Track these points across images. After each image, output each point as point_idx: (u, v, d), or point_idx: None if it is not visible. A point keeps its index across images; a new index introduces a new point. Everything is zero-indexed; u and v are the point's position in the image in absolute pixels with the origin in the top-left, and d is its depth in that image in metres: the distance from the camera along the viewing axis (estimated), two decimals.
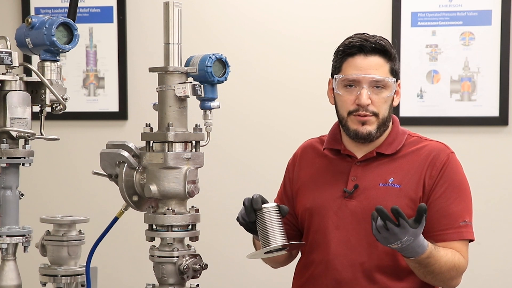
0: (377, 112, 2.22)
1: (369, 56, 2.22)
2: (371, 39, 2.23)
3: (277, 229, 2.08)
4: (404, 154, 2.27)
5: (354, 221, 2.23)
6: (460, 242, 2.21)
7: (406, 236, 2.00)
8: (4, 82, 1.94)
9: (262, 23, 3.81)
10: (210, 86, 2.00)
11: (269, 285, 3.72)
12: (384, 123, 2.25)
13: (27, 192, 2.04)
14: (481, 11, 3.62)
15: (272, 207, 2.10)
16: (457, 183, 2.24)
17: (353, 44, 2.23)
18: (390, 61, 2.24)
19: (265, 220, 2.09)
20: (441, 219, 2.21)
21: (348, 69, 2.24)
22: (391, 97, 2.24)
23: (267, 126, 3.81)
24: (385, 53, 2.23)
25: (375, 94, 2.22)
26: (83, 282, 2.09)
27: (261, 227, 2.09)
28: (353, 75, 2.22)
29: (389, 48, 2.24)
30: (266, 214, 2.09)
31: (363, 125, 2.23)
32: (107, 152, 1.99)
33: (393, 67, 2.25)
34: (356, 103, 2.21)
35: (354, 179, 2.26)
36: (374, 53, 2.22)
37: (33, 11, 3.95)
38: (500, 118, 3.60)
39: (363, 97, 2.20)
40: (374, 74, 2.20)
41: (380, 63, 2.22)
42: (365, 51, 2.22)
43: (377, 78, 2.21)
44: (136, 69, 3.88)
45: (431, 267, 2.13)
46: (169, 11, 1.93)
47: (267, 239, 2.07)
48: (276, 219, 2.09)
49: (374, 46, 2.22)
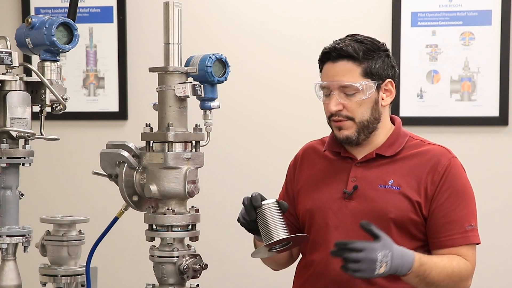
0: (352, 116, 2.23)
1: (337, 62, 2.23)
2: (341, 44, 2.23)
3: (279, 223, 2.08)
4: (404, 157, 2.27)
5: (353, 222, 2.23)
6: (467, 247, 2.21)
7: (378, 252, 1.99)
8: (4, 82, 1.95)
9: (262, 23, 3.81)
10: (210, 86, 2.00)
11: (269, 285, 3.72)
12: (367, 126, 2.24)
13: (27, 192, 2.04)
14: (481, 11, 3.62)
15: (272, 203, 2.10)
16: (460, 188, 2.24)
17: (324, 51, 2.26)
18: (362, 64, 2.22)
19: (265, 216, 2.09)
20: (447, 224, 2.21)
21: (322, 76, 2.27)
22: (369, 99, 2.23)
23: (267, 126, 3.81)
24: (353, 58, 2.22)
25: (348, 99, 2.22)
26: (83, 282, 2.09)
27: (263, 224, 2.09)
28: (323, 83, 2.25)
29: (357, 52, 2.21)
30: (266, 210, 2.09)
31: (340, 130, 2.25)
32: (107, 152, 1.99)
33: (369, 69, 2.22)
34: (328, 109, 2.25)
35: (354, 180, 2.26)
36: (341, 58, 2.22)
37: (33, 11, 3.95)
38: (500, 118, 3.60)
39: (330, 105, 2.23)
40: (340, 80, 2.21)
41: (348, 68, 2.22)
42: (331, 58, 2.23)
43: (343, 83, 2.21)
44: (136, 69, 3.88)
45: (429, 276, 2.12)
46: (169, 11, 1.93)
47: (269, 234, 2.07)
48: (276, 214, 2.09)
49: (339, 52, 2.22)
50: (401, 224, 2.21)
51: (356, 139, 2.24)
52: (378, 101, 2.25)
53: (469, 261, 2.21)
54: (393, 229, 2.20)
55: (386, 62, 2.26)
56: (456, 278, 2.17)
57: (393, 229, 2.21)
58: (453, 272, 2.16)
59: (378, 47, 2.25)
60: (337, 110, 2.22)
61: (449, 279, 2.16)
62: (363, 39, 2.26)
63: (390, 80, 2.27)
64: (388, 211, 2.21)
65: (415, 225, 2.22)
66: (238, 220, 2.17)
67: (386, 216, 2.21)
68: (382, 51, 2.26)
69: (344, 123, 2.23)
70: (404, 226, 2.22)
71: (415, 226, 2.23)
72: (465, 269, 2.19)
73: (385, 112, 2.29)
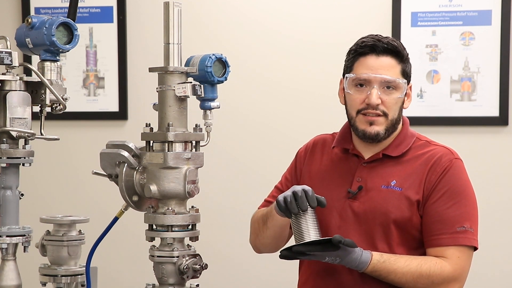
0: (387, 112, 2.23)
1: (381, 57, 2.22)
2: (383, 40, 2.24)
3: (311, 225, 2.09)
4: (409, 158, 2.27)
5: (356, 222, 2.23)
6: (455, 248, 2.19)
7: (326, 257, 2.08)
8: (4, 82, 1.94)
9: (262, 23, 3.81)
10: (210, 86, 2.00)
11: (269, 285, 3.72)
12: (394, 125, 2.25)
13: (27, 192, 2.04)
14: (481, 11, 3.62)
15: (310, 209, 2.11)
16: (457, 189, 2.23)
17: (366, 44, 2.24)
18: (402, 63, 2.24)
19: (299, 215, 2.10)
20: (436, 223, 2.20)
21: (359, 68, 2.24)
22: (401, 98, 2.24)
23: (267, 126, 3.81)
24: (397, 54, 2.24)
25: (386, 94, 2.22)
26: (83, 282, 2.09)
27: (296, 223, 2.10)
28: (364, 75, 2.22)
29: (401, 50, 2.25)
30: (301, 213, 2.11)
31: (371, 125, 2.23)
32: (107, 152, 1.99)
33: (405, 69, 2.25)
34: (366, 102, 2.22)
35: (359, 180, 2.26)
36: (386, 53, 2.22)
37: (33, 11, 3.95)
38: (500, 118, 3.61)
39: (373, 96, 2.20)
40: (385, 75, 2.21)
41: (392, 64, 2.23)
42: (377, 51, 2.22)
43: (388, 78, 2.21)
44: (136, 69, 3.88)
45: (386, 278, 2.16)
46: (169, 11, 1.93)
47: (301, 235, 2.09)
48: (311, 215, 2.10)
49: (386, 47, 2.22)
50: (402, 225, 2.21)
51: (383, 136, 2.25)
52: (404, 102, 2.26)
53: (454, 263, 2.18)
54: (394, 230, 2.21)
55: (410, 66, 2.28)
56: (425, 281, 2.16)
57: (394, 229, 2.21)
58: (420, 276, 2.16)
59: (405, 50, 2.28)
60: (378, 104, 2.21)
61: (415, 282, 2.16)
62: (393, 39, 2.28)
63: (411, 84, 2.29)
64: (388, 212, 2.21)
65: (415, 226, 2.23)
66: (277, 203, 2.13)
67: (387, 217, 2.21)
68: (408, 55, 2.28)
69: (378, 119, 2.22)
70: (404, 227, 2.22)
71: (415, 227, 2.23)
72: (438, 273, 2.16)
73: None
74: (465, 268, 2.21)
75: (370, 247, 2.20)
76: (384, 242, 2.22)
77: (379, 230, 2.22)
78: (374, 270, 2.14)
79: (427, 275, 2.16)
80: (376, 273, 2.15)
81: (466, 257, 2.21)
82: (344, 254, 2.09)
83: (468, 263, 2.22)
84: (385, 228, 2.21)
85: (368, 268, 2.14)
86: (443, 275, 2.17)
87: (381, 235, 2.22)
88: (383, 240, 2.22)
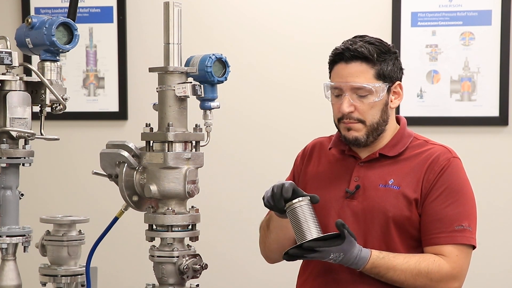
0: (363, 119, 2.23)
1: (350, 63, 2.22)
2: (355, 45, 2.22)
3: (311, 222, 2.09)
4: (407, 157, 2.28)
5: (354, 221, 2.24)
6: (453, 247, 2.19)
7: (331, 254, 2.07)
8: (4, 82, 1.94)
9: (262, 23, 3.81)
10: (210, 86, 2.00)
11: (269, 285, 3.72)
12: (376, 128, 2.25)
13: (27, 192, 2.04)
14: (481, 11, 3.62)
15: (304, 201, 2.10)
16: (455, 188, 2.23)
17: (336, 52, 2.25)
18: (376, 66, 2.22)
19: (298, 214, 2.09)
20: (434, 222, 2.20)
21: (333, 76, 2.26)
22: (380, 101, 2.23)
23: (267, 126, 3.81)
24: (367, 59, 2.22)
25: (359, 100, 2.22)
26: (83, 282, 2.09)
27: (295, 222, 2.10)
28: (335, 83, 2.24)
29: (372, 53, 2.21)
30: (298, 209, 2.10)
31: (349, 131, 2.24)
32: (107, 152, 1.99)
33: (381, 71, 2.23)
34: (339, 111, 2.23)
35: (356, 179, 2.27)
36: (354, 60, 2.22)
37: (33, 11, 3.95)
38: (500, 118, 3.61)
39: (343, 106, 2.22)
40: (354, 82, 2.21)
41: (361, 69, 2.22)
42: (345, 58, 2.22)
43: (357, 85, 2.21)
44: (136, 69, 3.88)
45: (385, 276, 2.16)
46: (169, 11, 1.93)
47: (303, 234, 2.08)
48: (308, 212, 2.10)
49: (353, 54, 2.21)
50: (400, 223, 2.22)
51: (365, 141, 2.25)
52: (388, 103, 2.26)
53: (452, 262, 2.19)
54: (392, 228, 2.22)
55: (396, 64, 2.27)
56: (423, 279, 2.17)
57: (392, 228, 2.22)
58: (419, 273, 2.16)
59: (388, 49, 2.26)
60: (349, 112, 2.21)
61: (413, 279, 2.16)
62: (374, 40, 2.26)
63: (399, 82, 2.28)
64: (387, 210, 2.21)
65: (413, 225, 2.23)
66: (263, 198, 2.16)
67: (385, 215, 2.21)
68: (392, 54, 2.27)
69: (354, 125, 2.23)
70: (403, 225, 2.22)
71: (413, 226, 2.23)
72: (436, 270, 2.17)
73: (392, 114, 2.30)
74: (463, 267, 2.21)
75: (368, 246, 2.20)
76: (383, 240, 2.22)
77: (378, 229, 2.22)
78: (374, 266, 2.14)
79: (426, 273, 2.16)
80: (375, 270, 2.15)
81: (464, 256, 2.21)
82: (347, 248, 2.08)
83: (466, 261, 2.22)
84: (384, 227, 2.22)
85: (367, 264, 2.13)
86: (441, 273, 2.17)
87: (379, 234, 2.22)
88: (382, 239, 2.22)
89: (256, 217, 2.52)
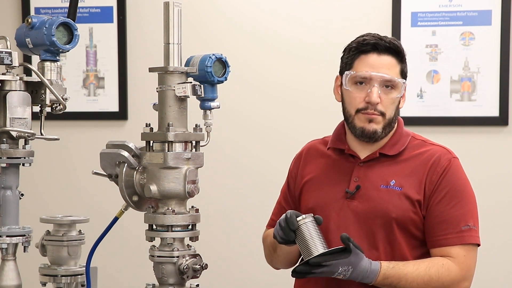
0: (385, 112, 2.23)
1: (383, 55, 2.23)
2: (385, 38, 2.25)
3: (316, 238, 2.10)
4: (406, 158, 2.28)
5: (355, 221, 2.23)
6: (461, 247, 2.20)
7: (340, 268, 2.06)
8: (4, 82, 1.94)
9: (262, 23, 3.81)
10: (210, 86, 2.00)
11: (269, 285, 3.72)
12: (390, 124, 2.25)
13: (27, 192, 2.04)
14: (481, 11, 3.62)
15: (308, 219, 2.11)
16: (458, 188, 2.24)
17: (368, 42, 2.24)
18: (401, 63, 2.25)
19: (303, 233, 2.10)
20: (441, 223, 2.21)
21: (360, 66, 2.23)
22: (398, 98, 2.25)
23: (267, 126, 3.81)
24: (398, 54, 2.24)
25: (385, 93, 2.22)
26: (83, 282, 2.09)
27: (301, 241, 2.11)
28: (365, 73, 2.22)
29: (402, 50, 2.26)
30: (303, 226, 2.10)
31: (370, 123, 2.23)
32: (107, 152, 1.99)
33: (403, 69, 2.26)
34: (366, 100, 2.21)
35: (356, 179, 2.26)
36: (387, 52, 2.23)
37: (33, 11, 3.95)
38: (500, 118, 3.60)
39: (373, 95, 2.20)
40: (386, 73, 2.21)
41: (393, 63, 2.23)
42: (379, 49, 2.22)
43: (389, 77, 2.21)
44: (136, 69, 3.88)
45: (398, 286, 2.15)
46: (169, 11, 1.93)
47: (309, 251, 2.09)
48: (313, 229, 2.10)
49: (388, 46, 2.23)
50: (403, 224, 2.22)
51: (380, 135, 2.25)
52: (400, 102, 2.27)
53: (460, 262, 2.19)
54: (395, 229, 2.21)
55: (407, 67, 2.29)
56: (435, 284, 2.17)
57: (395, 228, 2.21)
58: (430, 279, 2.16)
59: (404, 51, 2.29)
60: (378, 103, 2.21)
61: (425, 285, 2.16)
62: (394, 38, 2.28)
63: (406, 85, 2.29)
64: (389, 211, 2.21)
65: (416, 225, 2.23)
66: (274, 237, 2.16)
67: (388, 216, 2.21)
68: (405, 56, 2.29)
69: (376, 117, 2.23)
70: (406, 226, 2.22)
71: (416, 226, 2.23)
72: (446, 274, 2.17)
73: None
74: (471, 266, 2.22)
75: (371, 247, 2.20)
76: (386, 241, 2.22)
77: (381, 230, 2.22)
78: (386, 277, 2.13)
79: (437, 278, 2.17)
80: (388, 281, 2.14)
81: (471, 255, 2.22)
82: (356, 261, 2.08)
83: (474, 261, 2.23)
84: (387, 228, 2.21)
85: (379, 276, 2.12)
86: (451, 276, 2.18)
87: (383, 235, 2.22)
88: (385, 240, 2.22)
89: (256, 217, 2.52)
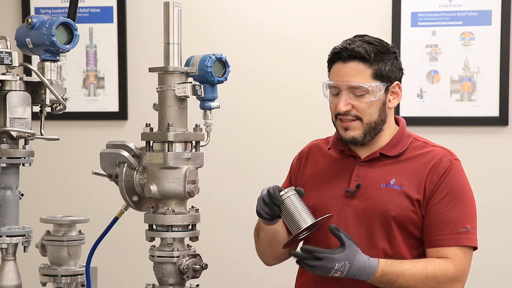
0: (360, 116, 2.23)
1: (348, 63, 2.23)
2: (353, 45, 2.23)
3: (302, 210, 2.12)
4: (407, 158, 2.28)
5: (355, 220, 2.24)
6: (457, 249, 2.21)
7: (336, 263, 2.08)
8: (4, 82, 1.95)
9: (262, 23, 3.81)
10: (210, 86, 2.00)
11: (269, 285, 3.72)
12: (374, 127, 2.25)
13: (27, 192, 2.04)
14: (481, 11, 3.62)
15: (291, 192, 2.12)
16: (458, 190, 2.24)
17: (334, 51, 2.26)
18: (373, 66, 2.23)
19: (288, 207, 2.12)
20: (439, 224, 2.21)
21: (331, 75, 2.27)
22: (378, 101, 2.24)
23: (267, 126, 3.81)
24: (364, 59, 2.23)
25: (357, 99, 2.23)
26: (83, 282, 2.09)
27: (287, 215, 2.12)
28: (331, 82, 2.25)
29: (369, 53, 2.22)
30: (287, 200, 2.12)
31: (346, 130, 2.25)
32: (107, 152, 1.99)
33: (379, 71, 2.23)
34: (336, 109, 2.25)
35: (356, 178, 2.27)
36: (352, 59, 2.23)
37: (33, 11, 3.95)
38: (500, 118, 3.61)
39: (339, 105, 2.23)
40: (351, 81, 2.21)
41: (359, 69, 2.22)
42: (343, 58, 2.23)
43: (353, 84, 2.22)
44: (136, 69, 3.88)
45: (395, 283, 2.15)
46: (169, 11, 1.94)
47: (296, 224, 2.10)
48: (298, 202, 2.12)
49: (350, 54, 2.22)
50: (402, 223, 2.22)
51: (361, 140, 2.25)
52: (386, 103, 2.27)
53: (456, 263, 2.20)
54: (394, 228, 2.22)
55: (394, 64, 2.28)
56: (432, 282, 2.17)
57: (394, 227, 2.22)
58: (427, 277, 2.17)
59: (387, 49, 2.26)
60: (346, 110, 2.22)
61: (422, 283, 2.17)
62: (373, 40, 2.26)
63: (398, 82, 2.28)
64: (389, 210, 2.22)
65: (415, 224, 2.23)
66: (258, 214, 2.19)
67: (387, 215, 2.22)
68: (391, 53, 2.27)
69: (351, 124, 2.24)
70: (405, 225, 2.23)
71: (415, 225, 2.23)
72: (442, 273, 2.18)
73: (390, 114, 2.31)
74: (466, 268, 2.23)
75: (371, 245, 2.21)
76: (385, 240, 2.22)
77: (380, 228, 2.22)
78: (384, 273, 2.14)
79: (433, 276, 2.17)
80: (386, 277, 2.15)
81: (467, 257, 2.23)
82: (352, 254, 2.09)
83: (469, 263, 2.24)
84: (386, 226, 2.22)
85: (377, 272, 2.13)
86: (447, 275, 2.19)
87: (382, 233, 2.22)
88: (384, 238, 2.22)
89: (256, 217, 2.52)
